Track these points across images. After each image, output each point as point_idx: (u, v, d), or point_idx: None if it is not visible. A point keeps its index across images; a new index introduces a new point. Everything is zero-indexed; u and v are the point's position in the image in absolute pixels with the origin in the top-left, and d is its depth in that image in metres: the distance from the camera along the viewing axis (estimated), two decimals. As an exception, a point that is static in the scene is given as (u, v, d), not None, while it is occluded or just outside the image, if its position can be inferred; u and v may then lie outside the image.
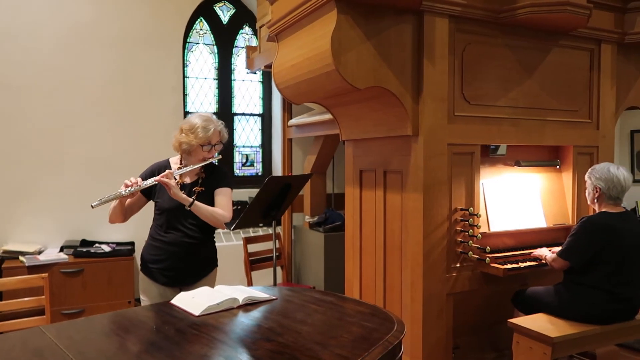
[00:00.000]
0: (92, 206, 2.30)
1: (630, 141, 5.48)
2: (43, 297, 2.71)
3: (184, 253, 2.50)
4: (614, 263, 2.62)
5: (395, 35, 2.64)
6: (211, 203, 2.51)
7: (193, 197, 2.47)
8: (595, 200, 2.79)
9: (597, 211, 2.80)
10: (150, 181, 2.41)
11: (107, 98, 4.52)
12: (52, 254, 4.08)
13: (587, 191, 2.85)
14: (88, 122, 4.46)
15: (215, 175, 2.61)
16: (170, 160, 2.64)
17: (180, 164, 2.60)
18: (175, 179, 2.47)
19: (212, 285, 2.49)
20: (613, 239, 2.63)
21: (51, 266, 3.89)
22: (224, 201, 2.54)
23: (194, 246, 2.52)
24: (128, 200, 2.51)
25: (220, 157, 2.62)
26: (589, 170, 2.84)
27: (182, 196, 2.41)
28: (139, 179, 2.45)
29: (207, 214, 2.46)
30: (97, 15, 4.46)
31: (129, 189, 2.37)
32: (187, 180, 2.58)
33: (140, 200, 2.58)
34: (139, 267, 2.61)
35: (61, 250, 4.21)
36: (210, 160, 2.57)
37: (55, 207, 4.35)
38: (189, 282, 2.53)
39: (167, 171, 2.42)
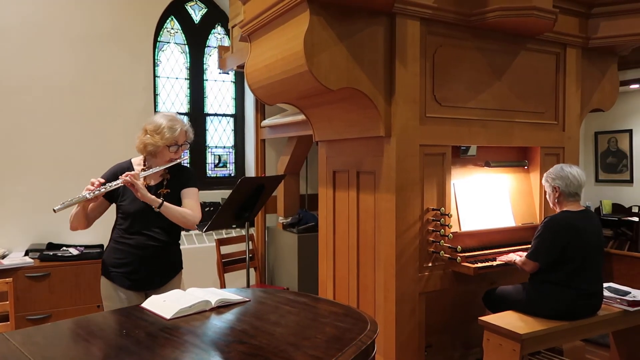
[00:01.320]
0: (54, 210, 2.18)
1: (595, 142, 5.65)
2: (7, 302, 2.62)
3: (149, 256, 2.43)
4: (576, 261, 2.70)
5: (367, 37, 2.66)
6: (178, 204, 2.43)
7: (161, 199, 2.39)
8: (556, 201, 2.87)
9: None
10: (116, 183, 2.31)
11: (74, 98, 4.41)
12: (16, 258, 3.95)
13: (547, 195, 2.93)
14: (54, 123, 4.34)
15: (181, 175, 2.53)
16: (133, 161, 2.54)
17: (144, 165, 2.50)
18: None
19: (178, 288, 2.43)
20: (575, 238, 2.71)
21: (16, 270, 3.77)
22: (192, 202, 2.48)
23: (160, 249, 2.46)
24: (90, 205, 2.39)
25: (186, 157, 2.55)
26: (544, 176, 2.93)
27: (151, 197, 2.33)
28: (103, 180, 2.34)
29: (177, 215, 2.39)
30: (62, 11, 4.34)
31: (94, 192, 2.25)
32: (152, 182, 2.48)
33: (103, 204, 2.47)
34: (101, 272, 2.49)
35: (26, 254, 4.09)
36: (178, 161, 2.50)
37: (19, 210, 4.22)
38: (154, 286, 2.46)
39: (133, 172, 2.32)
